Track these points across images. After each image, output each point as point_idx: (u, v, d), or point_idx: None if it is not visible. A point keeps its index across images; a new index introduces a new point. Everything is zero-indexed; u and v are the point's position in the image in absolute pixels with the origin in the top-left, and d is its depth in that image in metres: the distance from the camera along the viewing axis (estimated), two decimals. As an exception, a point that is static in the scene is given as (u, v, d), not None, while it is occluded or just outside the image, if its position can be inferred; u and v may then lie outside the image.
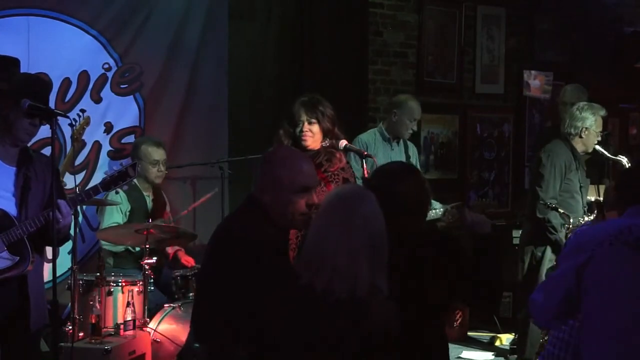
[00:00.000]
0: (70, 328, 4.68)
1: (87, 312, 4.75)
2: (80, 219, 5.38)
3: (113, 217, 5.44)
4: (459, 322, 6.88)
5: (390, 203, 2.90)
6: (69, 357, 4.37)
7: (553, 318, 3.04)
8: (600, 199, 5.56)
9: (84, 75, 5.71)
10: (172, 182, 5.99)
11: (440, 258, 3.00)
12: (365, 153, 4.39)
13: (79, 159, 5.64)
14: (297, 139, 4.34)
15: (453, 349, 6.43)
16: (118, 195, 5.31)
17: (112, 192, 5.10)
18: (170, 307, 4.98)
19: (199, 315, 2.97)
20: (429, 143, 7.71)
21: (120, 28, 5.82)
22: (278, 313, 2.62)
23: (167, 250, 5.67)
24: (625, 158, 5.72)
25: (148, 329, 4.84)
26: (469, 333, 6.97)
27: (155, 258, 5.09)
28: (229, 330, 2.77)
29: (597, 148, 5.72)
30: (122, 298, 4.89)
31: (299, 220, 3.04)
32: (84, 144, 5.72)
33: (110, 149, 5.86)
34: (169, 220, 5.61)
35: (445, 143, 7.83)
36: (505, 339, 6.69)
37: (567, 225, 5.45)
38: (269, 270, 2.78)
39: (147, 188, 5.65)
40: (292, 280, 2.65)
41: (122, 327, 4.73)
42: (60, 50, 5.60)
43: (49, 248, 3.70)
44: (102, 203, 5.33)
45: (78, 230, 5.01)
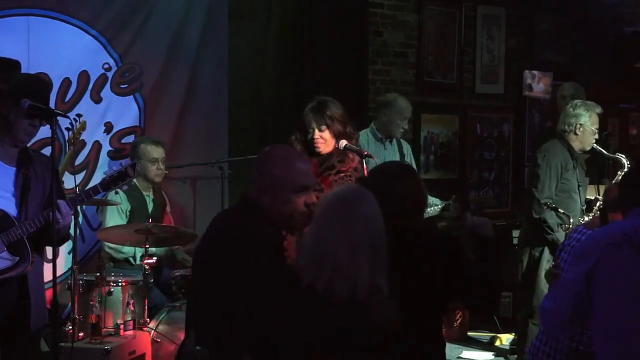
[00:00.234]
0: (70, 328, 4.68)
1: (87, 312, 4.75)
2: (80, 219, 5.38)
3: (114, 217, 5.45)
4: (459, 322, 6.88)
5: (388, 203, 2.90)
6: (69, 357, 4.37)
7: (562, 323, 3.03)
8: (600, 198, 5.56)
9: (84, 75, 5.71)
10: (172, 182, 5.99)
11: (440, 258, 2.99)
12: (366, 153, 4.38)
13: (79, 159, 5.64)
14: (309, 145, 4.35)
15: (453, 349, 6.43)
16: (118, 196, 5.32)
17: (111, 192, 5.12)
18: (170, 307, 4.99)
19: (201, 318, 2.93)
20: (429, 143, 7.71)
21: (120, 28, 5.82)
22: (280, 313, 2.61)
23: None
24: (624, 157, 5.69)
25: (148, 329, 4.84)
26: (469, 333, 6.96)
27: (155, 258, 5.09)
28: (233, 334, 2.74)
29: (595, 146, 5.70)
30: (122, 298, 4.89)
31: (299, 220, 3.04)
32: (84, 144, 5.72)
33: (110, 149, 5.86)
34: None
35: (445, 143, 7.82)
36: (505, 339, 6.69)
37: (566, 225, 5.45)
38: (271, 271, 2.77)
39: (146, 187, 5.65)
40: (292, 281, 2.64)
41: (122, 327, 4.73)
42: (60, 50, 5.60)
43: (49, 248, 3.70)
44: (102, 203, 5.33)
45: (78, 231, 5.01)
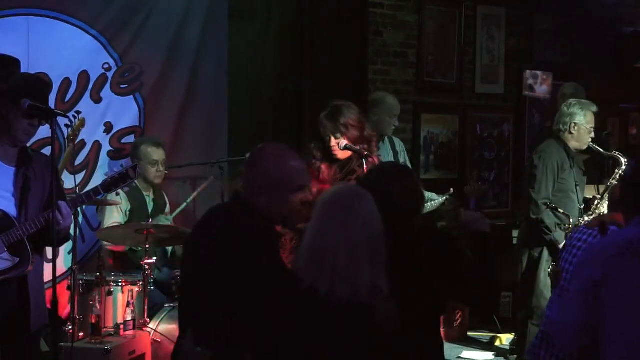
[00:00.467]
0: (70, 328, 4.68)
1: (87, 312, 4.75)
2: (80, 219, 5.38)
3: (113, 216, 5.45)
4: (459, 322, 6.88)
5: (386, 203, 2.90)
6: (69, 357, 4.37)
7: (576, 338, 3.00)
8: (598, 197, 5.56)
9: (84, 75, 5.70)
10: (172, 182, 5.98)
11: (439, 258, 2.99)
12: (366, 153, 4.39)
13: (79, 159, 5.64)
14: (327, 151, 4.38)
15: (453, 349, 6.44)
16: (118, 196, 5.32)
17: (112, 193, 5.11)
18: (170, 307, 4.99)
19: (200, 318, 2.88)
20: (429, 143, 7.71)
21: (120, 28, 5.81)
22: (281, 313, 2.60)
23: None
24: (622, 155, 5.65)
25: (148, 329, 4.84)
26: (469, 333, 6.97)
27: (155, 258, 5.09)
28: (234, 334, 2.71)
29: (591, 145, 5.70)
30: (122, 298, 4.89)
31: (295, 219, 3.02)
32: (84, 144, 5.71)
33: (110, 149, 5.86)
34: (168, 219, 5.60)
35: (445, 143, 7.82)
36: (505, 339, 6.69)
37: (566, 225, 5.45)
38: (272, 270, 2.76)
39: (147, 188, 5.65)
40: (292, 281, 2.63)
41: (122, 327, 4.73)
42: (60, 50, 5.59)
43: (49, 248, 3.71)
44: (102, 203, 5.33)
45: (78, 231, 5.01)
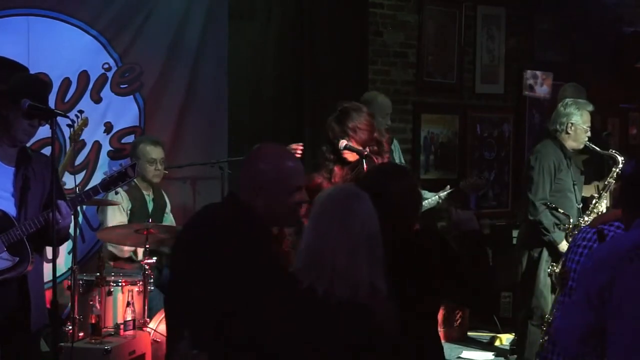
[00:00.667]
0: (70, 328, 4.68)
1: (87, 312, 4.75)
2: (80, 219, 5.38)
3: (116, 217, 5.44)
4: (459, 322, 6.88)
5: (385, 203, 2.89)
6: (69, 357, 4.37)
7: (579, 343, 3.00)
8: (596, 196, 5.55)
9: (84, 75, 5.71)
10: (172, 182, 5.98)
11: (438, 258, 2.99)
12: (366, 153, 4.38)
13: (79, 159, 5.64)
14: (338, 154, 4.39)
15: (453, 349, 6.44)
16: (118, 195, 5.31)
17: (111, 192, 5.11)
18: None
19: (197, 320, 2.80)
20: (429, 143, 7.71)
21: (120, 28, 5.81)
22: (281, 313, 2.59)
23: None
24: (618, 153, 5.62)
25: (148, 329, 4.84)
26: (469, 333, 6.97)
27: (155, 258, 5.09)
28: (234, 336, 2.68)
29: (588, 144, 5.69)
30: (122, 298, 4.89)
31: (292, 219, 3.01)
32: (84, 144, 5.71)
33: (110, 149, 5.86)
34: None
35: (445, 143, 7.82)
36: (505, 339, 6.69)
37: (567, 225, 5.44)
38: (271, 272, 2.75)
39: (146, 187, 5.65)
40: (291, 281, 2.63)
41: (122, 327, 4.73)
42: (60, 50, 5.59)
43: (49, 248, 3.70)
44: (102, 203, 5.33)
45: (78, 231, 5.01)
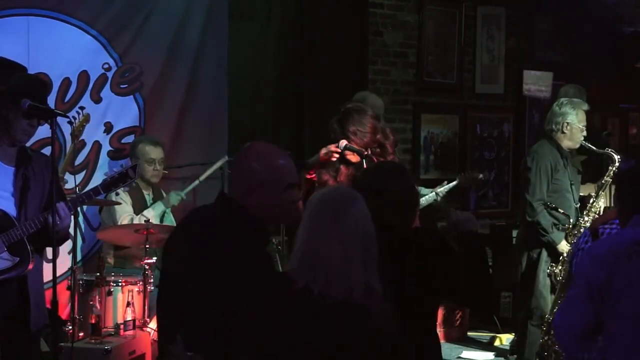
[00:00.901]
0: (70, 328, 4.68)
1: (87, 312, 4.75)
2: (80, 219, 5.38)
3: (125, 210, 5.42)
4: (459, 322, 6.88)
5: (382, 202, 2.88)
6: (69, 357, 4.37)
7: (578, 340, 3.00)
8: (593, 195, 5.54)
9: (84, 75, 5.70)
10: (172, 182, 5.98)
11: (435, 258, 2.98)
12: (366, 153, 4.37)
13: (79, 159, 5.64)
14: (340, 154, 4.40)
15: (453, 349, 6.44)
16: (119, 196, 5.31)
17: (112, 193, 5.11)
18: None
19: (191, 323, 2.74)
20: (429, 143, 7.71)
21: (120, 28, 5.81)
22: (282, 313, 2.58)
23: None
24: (614, 152, 5.61)
25: (148, 329, 4.83)
26: (469, 333, 6.97)
27: (155, 258, 5.09)
28: (231, 338, 2.65)
29: (584, 143, 5.68)
30: (122, 298, 4.90)
31: (286, 217, 3.00)
32: (84, 144, 5.72)
33: (110, 149, 5.86)
34: (179, 194, 5.61)
35: (445, 143, 7.82)
36: (505, 339, 6.69)
37: (566, 225, 5.44)
38: (268, 273, 2.75)
39: (146, 187, 5.65)
40: (286, 282, 2.62)
41: (122, 327, 4.74)
42: (60, 50, 5.59)
43: (49, 248, 3.71)
44: (103, 203, 5.33)
45: (78, 231, 5.01)
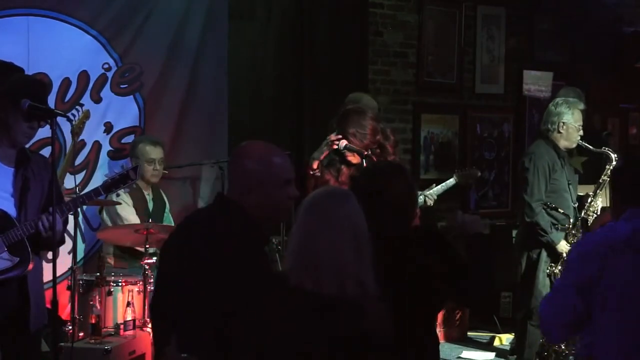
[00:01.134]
0: (70, 328, 4.68)
1: (87, 312, 4.75)
2: (80, 219, 5.38)
3: (127, 210, 5.42)
4: (459, 322, 6.88)
5: (381, 201, 2.88)
6: (69, 357, 4.37)
7: (563, 330, 3.01)
8: (590, 194, 5.54)
9: (84, 75, 5.70)
10: (172, 182, 5.98)
11: (434, 258, 2.98)
12: (366, 153, 4.38)
13: (79, 159, 5.64)
14: (340, 155, 4.40)
15: (453, 349, 6.45)
16: (119, 197, 5.32)
17: (112, 194, 5.11)
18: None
19: (187, 325, 2.74)
20: (429, 143, 7.71)
21: (120, 28, 5.81)
22: (282, 313, 2.58)
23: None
24: (611, 151, 5.60)
25: (148, 329, 4.83)
26: (469, 333, 6.97)
27: (155, 258, 5.09)
28: (233, 338, 2.64)
29: (580, 143, 5.68)
30: (122, 298, 4.89)
31: (284, 214, 3.01)
32: (84, 144, 5.72)
33: (110, 149, 5.85)
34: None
35: (445, 143, 7.82)
36: (505, 339, 6.69)
37: (566, 225, 5.44)
38: (264, 272, 2.75)
39: (146, 187, 5.65)
40: (281, 282, 2.62)
41: (122, 327, 4.73)
42: (60, 50, 5.59)
43: (49, 248, 3.71)
44: (103, 203, 5.33)
45: (78, 231, 5.01)
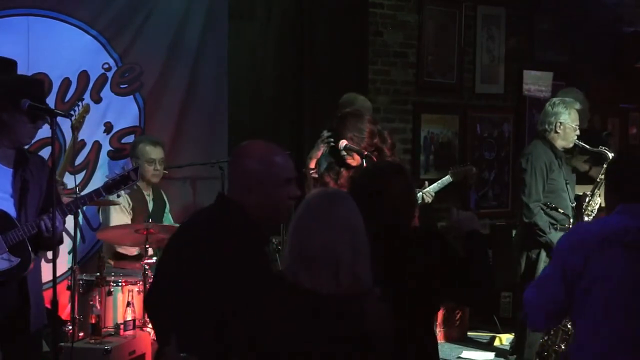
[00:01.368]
0: (70, 328, 4.68)
1: (87, 312, 4.75)
2: (81, 219, 5.38)
3: (119, 217, 5.42)
4: (459, 322, 6.88)
5: (381, 201, 2.88)
6: (69, 357, 4.36)
7: (547, 318, 3.06)
8: (588, 193, 5.54)
9: (84, 75, 5.70)
10: (172, 182, 5.98)
11: (433, 258, 2.98)
12: (366, 153, 4.37)
13: (79, 159, 5.64)
14: (339, 157, 4.40)
15: (453, 349, 6.45)
16: (120, 197, 5.31)
17: (113, 195, 5.10)
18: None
19: (187, 325, 2.74)
20: (429, 143, 7.71)
21: (120, 28, 5.81)
22: (282, 313, 2.58)
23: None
24: (608, 150, 5.59)
25: (148, 329, 4.83)
26: (469, 333, 6.97)
27: (155, 258, 5.09)
28: (233, 338, 2.64)
29: (577, 142, 5.68)
30: (122, 298, 4.89)
31: (286, 214, 3.01)
32: (84, 144, 5.72)
33: (110, 149, 5.86)
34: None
35: (445, 143, 7.82)
36: (505, 339, 6.69)
37: (566, 225, 5.44)
38: (264, 272, 2.75)
39: (146, 187, 5.65)
40: (281, 282, 2.62)
41: (122, 327, 4.73)
42: (60, 50, 5.59)
43: (49, 248, 3.71)
44: (103, 203, 5.33)
45: (78, 231, 5.01)
